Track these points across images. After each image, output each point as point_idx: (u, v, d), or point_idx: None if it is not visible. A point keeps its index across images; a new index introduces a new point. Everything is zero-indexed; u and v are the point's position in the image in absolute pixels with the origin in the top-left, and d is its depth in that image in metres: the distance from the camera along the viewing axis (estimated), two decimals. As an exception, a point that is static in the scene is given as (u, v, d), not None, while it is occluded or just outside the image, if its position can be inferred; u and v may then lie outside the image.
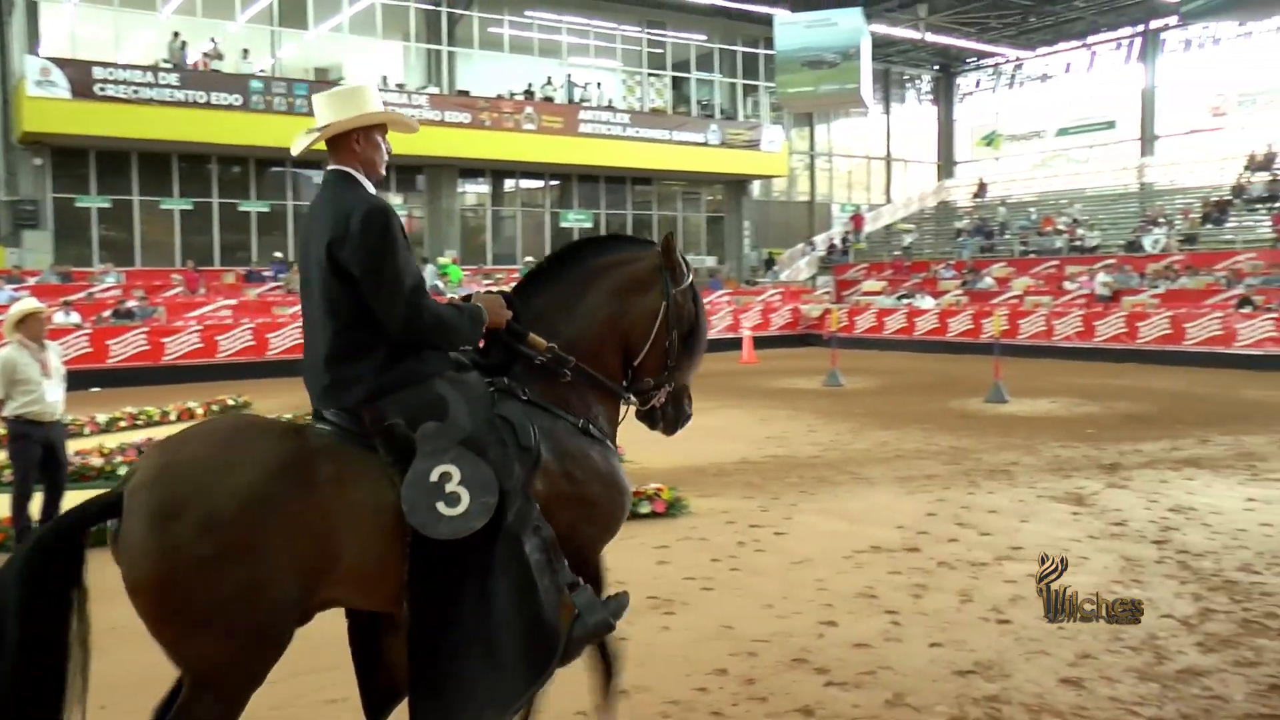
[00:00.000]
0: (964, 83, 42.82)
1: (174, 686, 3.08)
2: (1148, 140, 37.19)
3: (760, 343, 25.75)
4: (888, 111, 41.67)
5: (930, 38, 36.19)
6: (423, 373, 3.24)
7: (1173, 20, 34.52)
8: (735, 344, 24.86)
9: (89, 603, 2.96)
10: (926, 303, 28.28)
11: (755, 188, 36.50)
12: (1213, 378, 19.18)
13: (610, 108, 30.55)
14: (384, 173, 3.45)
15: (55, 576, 2.88)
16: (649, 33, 32.74)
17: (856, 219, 38.01)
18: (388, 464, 3.11)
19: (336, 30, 27.91)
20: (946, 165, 43.06)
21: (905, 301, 29.07)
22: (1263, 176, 31.01)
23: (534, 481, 3.30)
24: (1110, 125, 38.26)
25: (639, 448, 8.53)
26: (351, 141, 3.33)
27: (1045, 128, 39.91)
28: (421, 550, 3.06)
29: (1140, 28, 36.86)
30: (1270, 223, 28.43)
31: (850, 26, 28.70)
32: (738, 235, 35.46)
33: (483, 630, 3.09)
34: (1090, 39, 38.44)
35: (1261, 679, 4.89)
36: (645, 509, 8.25)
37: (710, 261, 33.30)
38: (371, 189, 3.33)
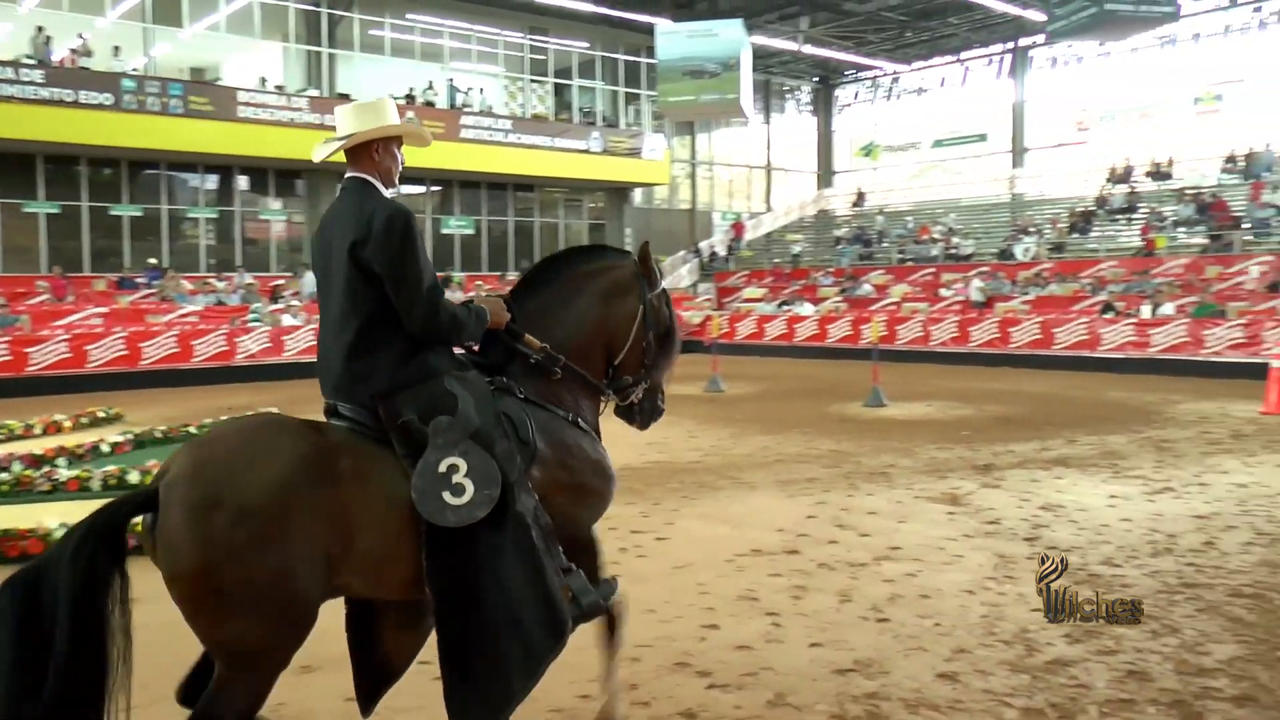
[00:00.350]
0: (843, 94, 43.75)
1: (193, 669, 3.32)
2: (1018, 152, 38.51)
3: (644, 349, 25.69)
4: (768, 121, 42.33)
5: (809, 50, 36.89)
6: (434, 369, 3.50)
7: (1040, 39, 35.84)
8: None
9: (130, 592, 3.10)
10: (806, 309, 28.71)
11: (637, 195, 36.68)
12: (1079, 380, 19.92)
13: (492, 114, 30.36)
14: (399, 182, 3.68)
15: (102, 565, 3.00)
16: (531, 39, 32.64)
17: (737, 227, 38.51)
18: (402, 457, 3.35)
19: (213, 29, 27.14)
20: (826, 174, 43.92)
21: (785, 308, 29.50)
22: (1122, 189, 32.44)
23: (532, 472, 3.59)
24: (982, 138, 39.51)
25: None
26: (371, 151, 3.58)
27: (921, 139, 41.04)
28: (438, 539, 3.31)
29: (1010, 45, 38.19)
30: (1132, 233, 29.68)
31: (731, 37, 29.05)
32: (619, 243, 35.52)
33: (504, 610, 3.35)
34: (963, 55, 39.67)
35: (1120, 665, 5.10)
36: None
37: (594, 268, 33.24)
38: (388, 195, 3.58)
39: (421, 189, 31.25)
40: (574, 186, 33.90)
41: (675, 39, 29.40)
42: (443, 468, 3.31)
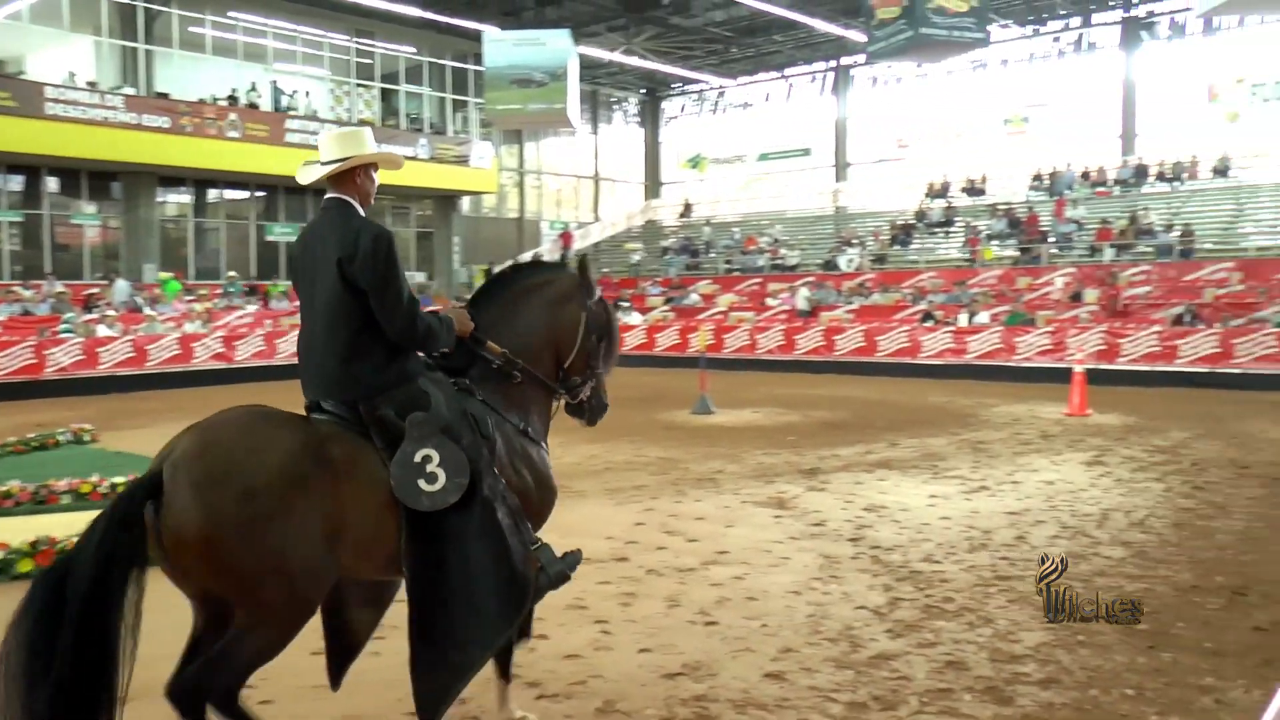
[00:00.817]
0: (670, 106, 44.35)
1: (193, 635, 3.69)
2: (841, 167, 39.77)
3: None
4: (596, 132, 42.55)
5: (637, 62, 37.25)
6: (411, 373, 3.92)
7: (861, 59, 37.09)
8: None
9: (144, 575, 3.43)
10: (634, 318, 28.87)
11: (465, 204, 36.30)
12: (901, 386, 20.65)
13: (317, 118, 29.54)
14: (373, 202, 4.09)
15: (125, 546, 3.34)
16: (358, 42, 31.92)
17: (565, 236, 38.52)
18: (380, 448, 3.76)
19: (14, 19, 25.50)
20: (653, 185, 44.42)
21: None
22: (940, 203, 33.90)
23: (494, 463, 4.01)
24: (807, 152, 40.66)
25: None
26: (354, 175, 4.00)
27: (747, 152, 41.96)
28: (414, 521, 3.73)
29: (832, 64, 39.46)
30: (950, 245, 30.99)
31: (559, 47, 29.05)
32: (447, 251, 35.12)
33: (465, 584, 3.77)
34: (788, 71, 40.77)
35: (939, 657, 5.26)
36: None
37: (420, 277, 32.76)
38: (364, 215, 3.97)
39: (245, 194, 30.14)
40: (401, 194, 33.28)
41: (503, 47, 29.23)
42: (418, 458, 3.72)
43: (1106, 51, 35.24)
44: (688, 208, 40.58)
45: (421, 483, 3.72)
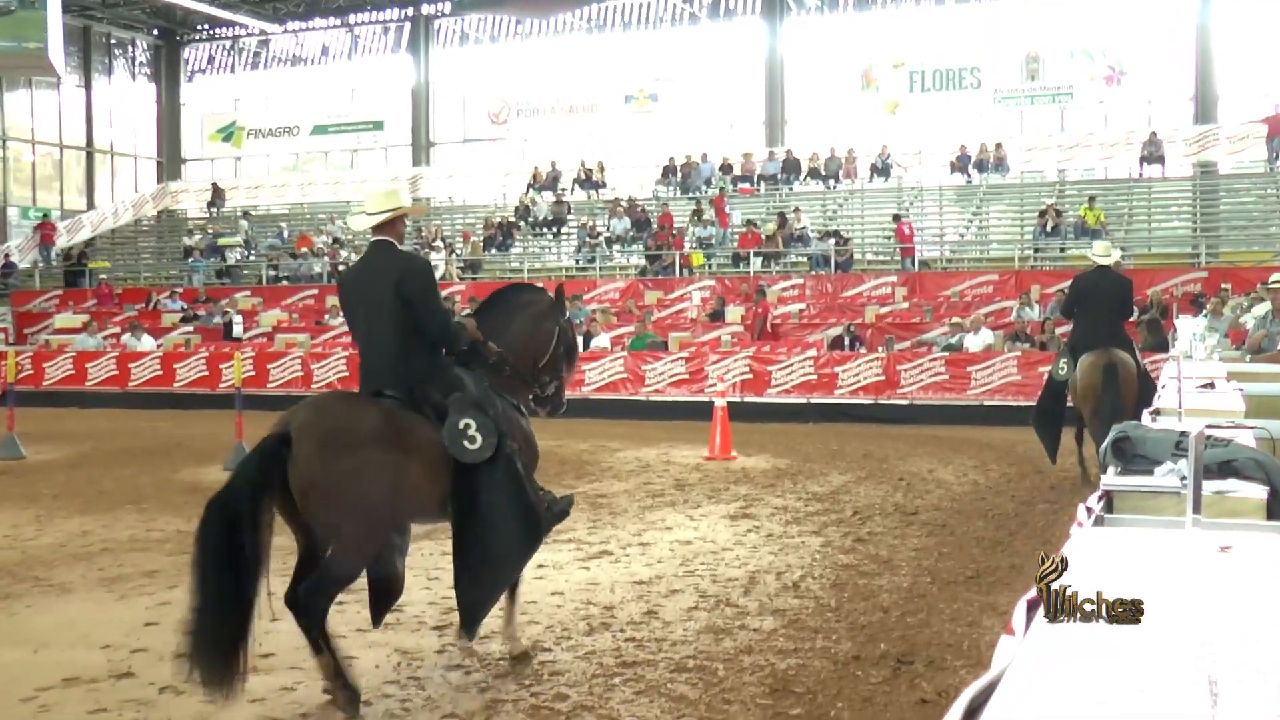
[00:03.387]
0: (194, 56, 43.18)
1: (293, 580, 6.35)
2: (422, 147, 40.22)
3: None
4: (89, 85, 40.67)
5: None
6: (445, 364, 6.90)
7: (445, 7, 37.72)
8: None
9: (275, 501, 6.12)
10: (146, 343, 27.95)
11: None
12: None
13: None
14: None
15: (266, 479, 6.09)
16: None
17: (45, 228, 36.39)
18: (432, 419, 6.57)
19: None
20: (172, 163, 43.01)
21: (116, 342, 28.44)
22: (548, 197, 34.93)
23: None
24: (378, 126, 40.80)
25: None
26: (396, 222, 7.02)
27: (300, 123, 41.48)
28: (459, 472, 6.54)
29: (409, 11, 39.81)
30: (561, 249, 31.95)
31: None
32: None
33: (498, 520, 6.60)
34: (352, 18, 40.78)
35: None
36: None
37: None
38: (404, 250, 7.18)
39: None
40: None
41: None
42: (460, 425, 6.49)
43: (747, 21, 37.89)
44: (219, 194, 39.49)
45: (465, 443, 6.50)
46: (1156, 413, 7.05)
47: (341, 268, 31.91)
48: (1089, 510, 4.03)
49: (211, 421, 20.97)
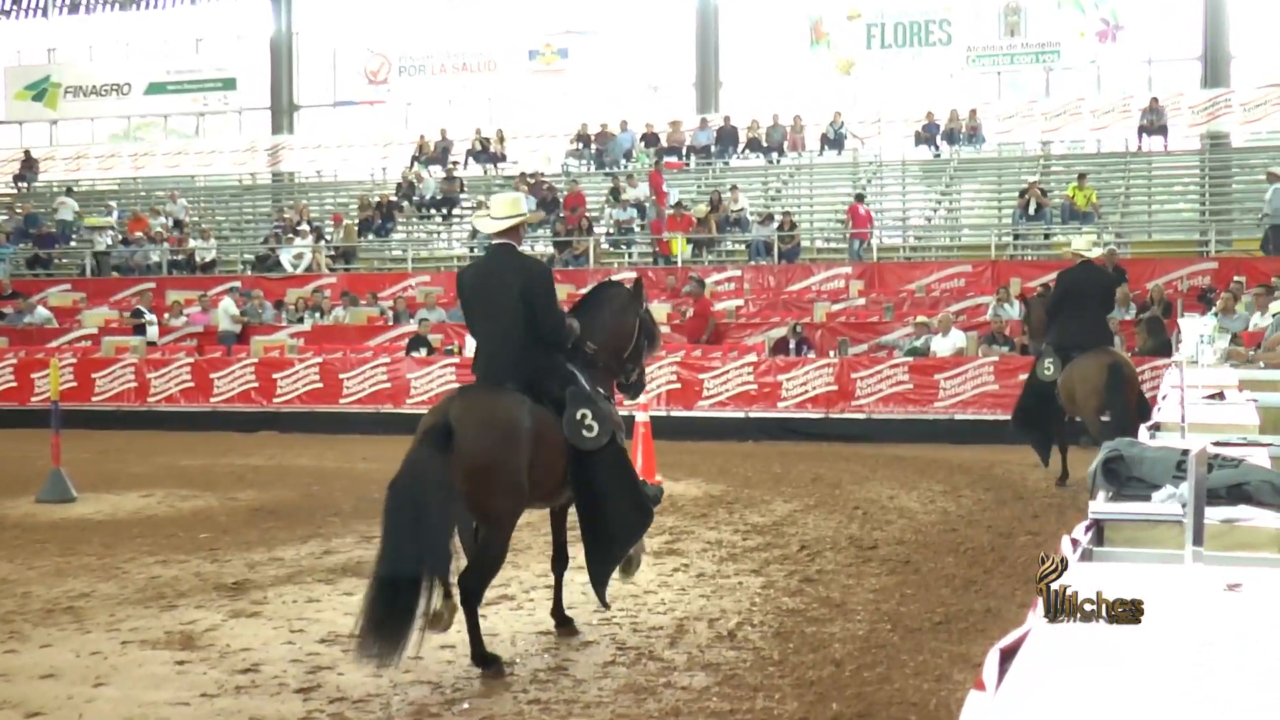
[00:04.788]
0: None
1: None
2: (284, 111, 39.89)
3: None
4: None
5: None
6: (560, 360, 8.88)
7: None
8: None
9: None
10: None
11: None
12: (380, 446, 20.61)
13: None
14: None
15: (437, 461, 7.93)
16: None
17: None
18: (551, 409, 8.54)
19: None
20: (-29, 127, 42.40)
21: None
22: (437, 172, 34.78)
23: None
24: (229, 84, 40.38)
25: None
26: (521, 228, 9.43)
27: (131, 79, 40.96)
28: (578, 458, 8.57)
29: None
30: (454, 234, 31.81)
31: None
32: None
33: (615, 500, 8.68)
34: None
35: None
36: None
37: None
38: (524, 253, 9.76)
39: None
40: None
41: None
42: (578, 416, 8.49)
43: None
44: (30, 165, 38.96)
45: (583, 432, 8.48)
46: (1156, 428, 7.12)
47: (180, 259, 31.71)
48: (1074, 543, 4.03)
49: (19, 444, 20.71)
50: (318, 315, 27.65)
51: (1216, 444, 5.39)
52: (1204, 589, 3.17)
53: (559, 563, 9.27)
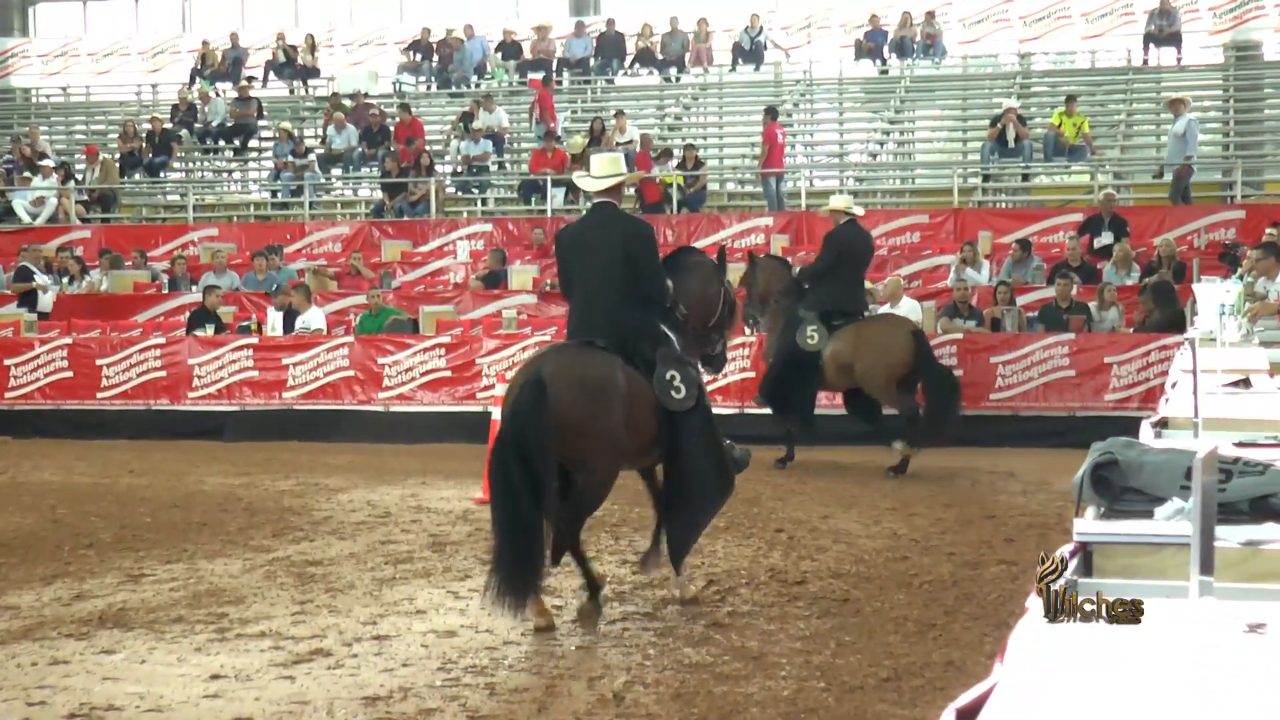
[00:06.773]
0: None
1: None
2: (13, 6, 39.49)
3: None
4: None
5: None
6: (654, 320, 11.93)
7: None
8: None
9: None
10: None
11: None
12: (154, 455, 21.12)
13: None
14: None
15: (536, 415, 10.94)
16: None
17: None
18: (642, 369, 11.57)
19: None
20: None
21: None
22: (226, 91, 34.54)
23: None
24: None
25: None
26: (622, 187, 13.07)
27: None
28: (667, 419, 11.62)
29: None
30: (248, 170, 31.70)
31: None
32: None
33: (700, 464, 11.81)
34: None
35: None
36: None
37: None
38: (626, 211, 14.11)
39: None
40: None
41: None
42: (667, 377, 11.43)
43: None
44: None
45: (672, 393, 11.26)
46: (1162, 424, 7.15)
47: None
48: (1056, 573, 4.05)
49: None
50: (66, 281, 27.35)
51: (1238, 444, 5.42)
52: (1217, 631, 3.13)
53: (660, 508, 12.11)
